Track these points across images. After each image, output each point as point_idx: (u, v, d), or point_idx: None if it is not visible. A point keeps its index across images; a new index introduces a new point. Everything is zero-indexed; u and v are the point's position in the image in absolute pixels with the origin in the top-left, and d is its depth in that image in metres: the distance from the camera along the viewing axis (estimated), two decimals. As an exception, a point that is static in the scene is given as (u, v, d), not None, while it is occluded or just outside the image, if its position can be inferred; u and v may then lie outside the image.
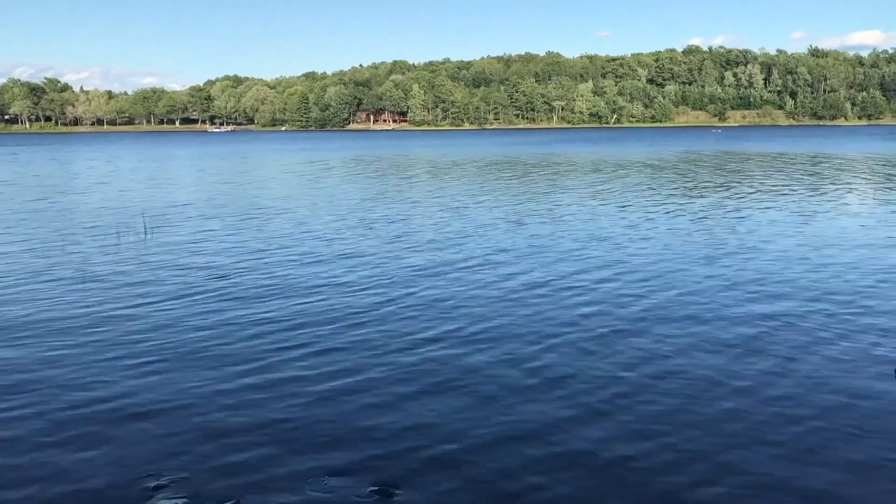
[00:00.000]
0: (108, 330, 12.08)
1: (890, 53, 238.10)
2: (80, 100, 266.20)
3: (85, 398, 9.18)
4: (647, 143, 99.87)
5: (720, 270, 16.21)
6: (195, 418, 8.55)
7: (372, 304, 13.58)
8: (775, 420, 8.36)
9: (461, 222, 24.49)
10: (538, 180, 42.21)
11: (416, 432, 8.13)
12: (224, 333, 11.82)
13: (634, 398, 9.02)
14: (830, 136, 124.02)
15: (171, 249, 19.78)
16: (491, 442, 7.88)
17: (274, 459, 7.54)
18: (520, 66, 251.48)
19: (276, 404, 8.92)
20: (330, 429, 8.23)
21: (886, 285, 14.62)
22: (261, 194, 35.61)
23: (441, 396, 9.15)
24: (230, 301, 13.94)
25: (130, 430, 8.26)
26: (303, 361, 10.47)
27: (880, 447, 7.68)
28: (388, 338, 11.53)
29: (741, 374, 9.81)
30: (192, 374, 9.99)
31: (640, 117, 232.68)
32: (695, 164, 54.75)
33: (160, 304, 13.76)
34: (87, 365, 10.40)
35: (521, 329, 11.93)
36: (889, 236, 20.76)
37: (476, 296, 14.18)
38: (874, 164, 52.82)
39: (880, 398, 8.95)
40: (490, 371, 10.02)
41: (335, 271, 16.62)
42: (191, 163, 67.29)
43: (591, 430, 8.13)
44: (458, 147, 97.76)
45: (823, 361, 10.25)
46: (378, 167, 56.94)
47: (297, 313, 12.99)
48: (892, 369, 9.86)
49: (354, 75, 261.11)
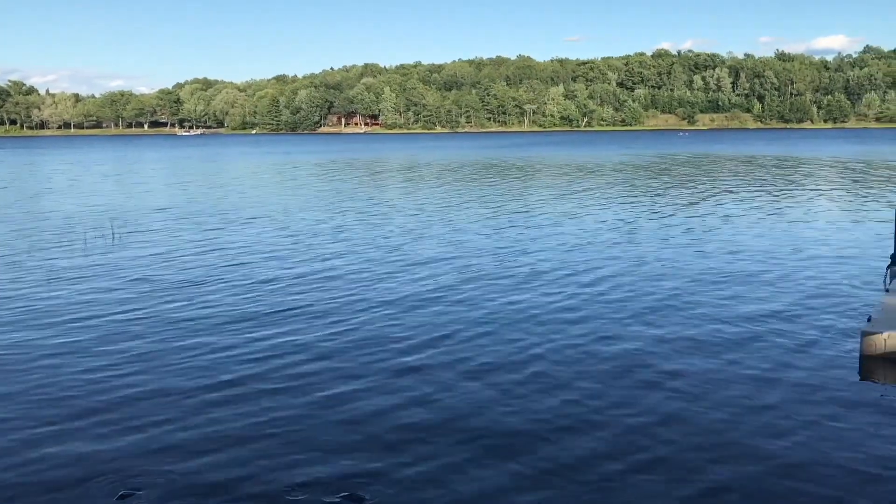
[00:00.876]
0: (73, 335, 11.81)
1: (854, 58, 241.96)
2: (45, 103, 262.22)
3: (38, 404, 8.94)
4: (618, 147, 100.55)
5: (702, 268, 16.31)
6: (151, 427, 8.36)
7: (343, 305, 13.44)
8: (763, 430, 8.35)
9: (438, 229, 24.42)
10: (516, 183, 42.28)
11: (395, 441, 8.02)
12: (183, 334, 11.62)
13: (615, 406, 8.98)
14: (796, 139, 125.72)
15: (138, 253, 19.48)
16: (468, 449, 7.79)
17: (239, 471, 7.38)
18: (491, 69, 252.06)
19: (232, 413, 8.75)
20: (302, 438, 8.08)
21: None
22: (231, 198, 35.25)
23: (424, 406, 9.04)
24: (197, 308, 13.72)
25: (90, 440, 8.04)
26: (265, 366, 10.30)
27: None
28: (362, 345, 11.40)
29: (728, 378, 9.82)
30: (153, 382, 9.77)
31: (610, 121, 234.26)
32: (660, 170, 55.19)
33: (125, 308, 13.50)
34: (47, 369, 10.14)
35: (494, 337, 11.86)
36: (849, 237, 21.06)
37: (438, 304, 14.09)
38: (842, 167, 53.65)
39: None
40: (459, 383, 9.93)
41: (301, 270, 16.46)
42: (159, 166, 66.53)
43: (581, 441, 8.06)
44: (436, 150, 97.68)
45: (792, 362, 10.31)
46: (352, 172, 56.69)
47: (263, 315, 12.82)
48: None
49: (326, 78, 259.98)
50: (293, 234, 23.00)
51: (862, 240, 20.69)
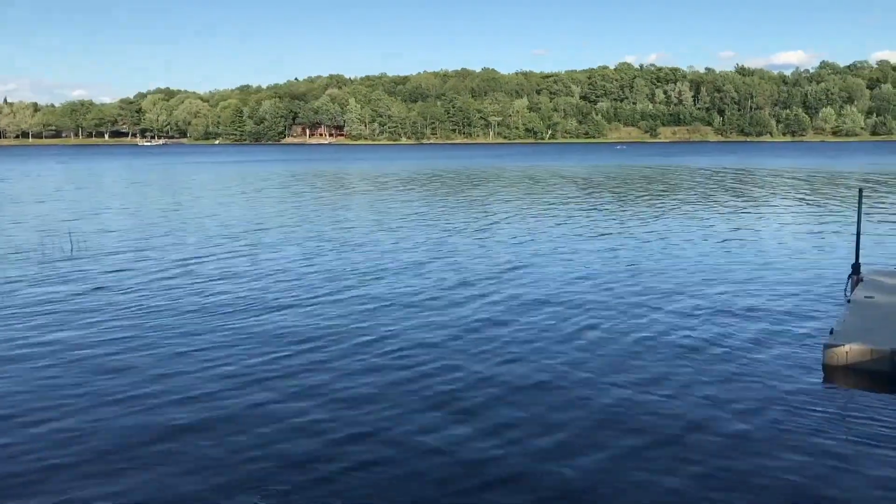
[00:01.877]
0: (25, 350, 11.49)
1: (812, 73, 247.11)
2: (3, 112, 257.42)
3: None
4: (549, 159, 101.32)
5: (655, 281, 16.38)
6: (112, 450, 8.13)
7: (302, 321, 13.26)
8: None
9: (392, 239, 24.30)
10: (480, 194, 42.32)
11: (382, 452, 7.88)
12: (141, 347, 11.36)
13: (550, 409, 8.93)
14: (754, 151, 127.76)
15: (97, 266, 19.07)
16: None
17: (205, 489, 7.19)
18: (456, 81, 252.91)
19: (204, 431, 8.55)
20: (264, 456, 7.92)
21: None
22: (193, 211, 34.79)
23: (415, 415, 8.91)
24: (153, 318, 13.44)
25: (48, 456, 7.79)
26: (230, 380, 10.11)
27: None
28: (335, 356, 11.25)
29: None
30: (112, 402, 9.53)
31: (574, 133, 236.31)
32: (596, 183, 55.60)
33: (81, 322, 13.18)
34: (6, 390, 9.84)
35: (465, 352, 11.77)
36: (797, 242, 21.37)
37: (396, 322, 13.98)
38: (800, 180, 54.59)
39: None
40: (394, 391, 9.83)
41: (262, 286, 16.24)
42: (121, 176, 65.54)
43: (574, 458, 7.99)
44: (403, 161, 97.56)
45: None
46: (317, 182, 56.35)
47: (226, 329, 12.60)
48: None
49: (290, 89, 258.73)
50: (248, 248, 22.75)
51: (822, 251, 20.99)
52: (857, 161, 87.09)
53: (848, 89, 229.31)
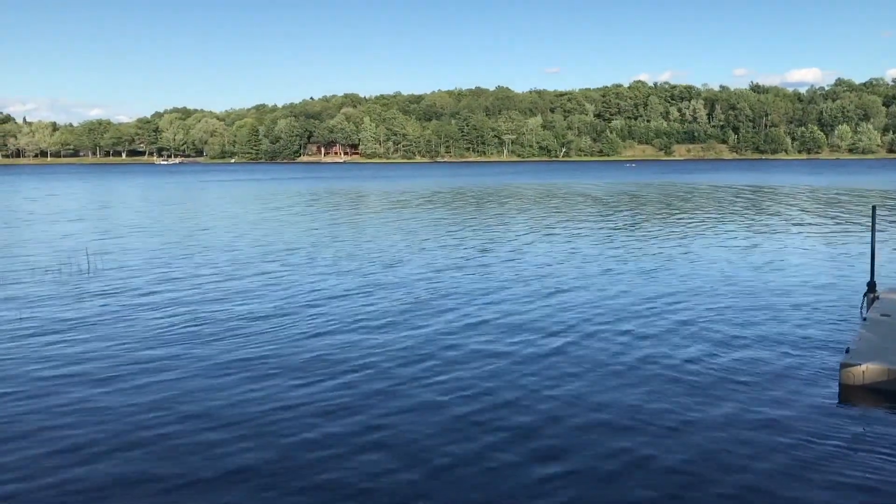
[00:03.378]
0: (43, 368, 11.57)
1: (827, 90, 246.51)
2: (22, 131, 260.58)
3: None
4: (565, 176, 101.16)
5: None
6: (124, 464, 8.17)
7: (322, 341, 13.29)
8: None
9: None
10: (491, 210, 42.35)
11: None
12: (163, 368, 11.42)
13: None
14: (770, 169, 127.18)
15: (113, 285, 19.22)
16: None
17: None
18: (470, 100, 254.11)
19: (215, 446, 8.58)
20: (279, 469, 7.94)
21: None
22: (212, 230, 35.02)
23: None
24: (173, 339, 13.52)
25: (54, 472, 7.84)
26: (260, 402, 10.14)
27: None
28: (327, 365, 11.27)
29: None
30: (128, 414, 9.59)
31: (588, 151, 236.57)
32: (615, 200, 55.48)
33: (95, 341, 13.27)
34: (22, 405, 9.92)
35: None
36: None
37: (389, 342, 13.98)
38: (816, 197, 54.30)
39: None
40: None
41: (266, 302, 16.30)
42: (138, 193, 66.09)
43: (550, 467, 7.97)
44: (419, 179, 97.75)
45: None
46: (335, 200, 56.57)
47: (252, 346, 12.65)
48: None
49: (305, 108, 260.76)
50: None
51: (838, 269, 20.84)
52: (872, 178, 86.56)
53: (864, 106, 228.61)
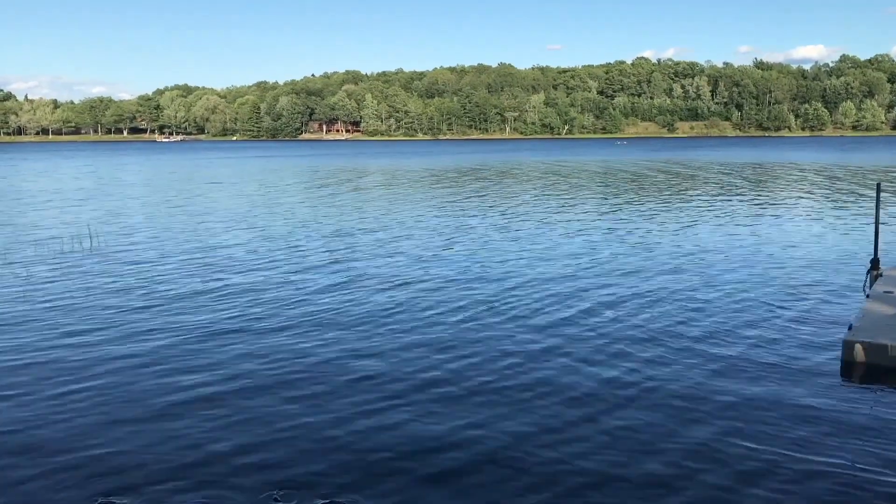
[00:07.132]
0: (48, 345, 11.62)
1: (831, 67, 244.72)
2: (23, 108, 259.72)
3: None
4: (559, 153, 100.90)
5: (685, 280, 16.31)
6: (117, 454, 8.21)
7: (320, 314, 13.32)
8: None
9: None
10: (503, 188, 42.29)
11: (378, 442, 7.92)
12: (156, 348, 11.46)
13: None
14: (770, 146, 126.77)
15: (115, 261, 19.24)
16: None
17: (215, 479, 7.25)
18: (472, 77, 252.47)
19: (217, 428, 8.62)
20: (282, 443, 7.97)
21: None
22: (216, 206, 35.00)
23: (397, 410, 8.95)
24: (172, 314, 13.55)
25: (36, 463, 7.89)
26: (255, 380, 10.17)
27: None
28: (328, 346, 11.29)
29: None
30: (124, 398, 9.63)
31: (591, 128, 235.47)
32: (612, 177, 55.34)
33: (98, 318, 13.31)
34: (16, 389, 9.96)
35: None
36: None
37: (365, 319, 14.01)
38: (819, 174, 54.13)
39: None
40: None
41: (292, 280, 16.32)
42: (160, 172, 65.99)
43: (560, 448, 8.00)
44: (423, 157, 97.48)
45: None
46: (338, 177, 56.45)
47: (250, 320, 12.68)
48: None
49: (307, 85, 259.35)
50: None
51: (841, 246, 20.82)
52: (876, 155, 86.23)
53: (868, 83, 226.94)
